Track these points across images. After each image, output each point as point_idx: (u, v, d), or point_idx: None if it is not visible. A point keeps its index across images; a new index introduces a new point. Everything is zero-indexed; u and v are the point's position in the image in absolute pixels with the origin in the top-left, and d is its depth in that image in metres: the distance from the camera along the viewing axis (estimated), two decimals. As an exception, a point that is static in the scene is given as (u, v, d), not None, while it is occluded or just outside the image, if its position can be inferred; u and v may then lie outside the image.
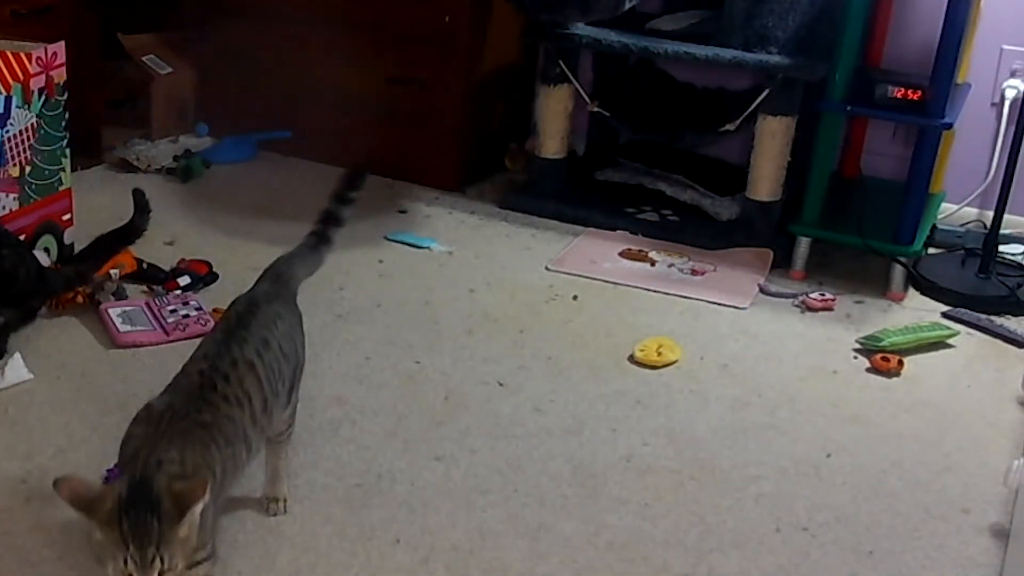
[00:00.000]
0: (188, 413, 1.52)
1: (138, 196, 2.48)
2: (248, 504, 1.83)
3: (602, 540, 1.83)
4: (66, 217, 2.69)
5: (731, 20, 3.02)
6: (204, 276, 2.67)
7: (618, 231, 3.16)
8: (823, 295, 2.79)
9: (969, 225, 3.28)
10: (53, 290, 2.37)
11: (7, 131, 2.48)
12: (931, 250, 3.14)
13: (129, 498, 1.37)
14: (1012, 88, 3.18)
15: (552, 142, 3.30)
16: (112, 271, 2.57)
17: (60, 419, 2.07)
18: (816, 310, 2.75)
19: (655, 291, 2.81)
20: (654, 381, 2.37)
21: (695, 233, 3.13)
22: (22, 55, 2.47)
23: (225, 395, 1.58)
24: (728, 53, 2.99)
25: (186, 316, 2.45)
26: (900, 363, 2.47)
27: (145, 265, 2.66)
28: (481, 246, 3.04)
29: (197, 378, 1.59)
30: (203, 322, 2.42)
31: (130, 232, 2.47)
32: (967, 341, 2.66)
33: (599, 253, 3.02)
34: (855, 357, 2.54)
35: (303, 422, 2.09)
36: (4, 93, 2.45)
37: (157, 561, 1.36)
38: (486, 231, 3.16)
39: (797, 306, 2.78)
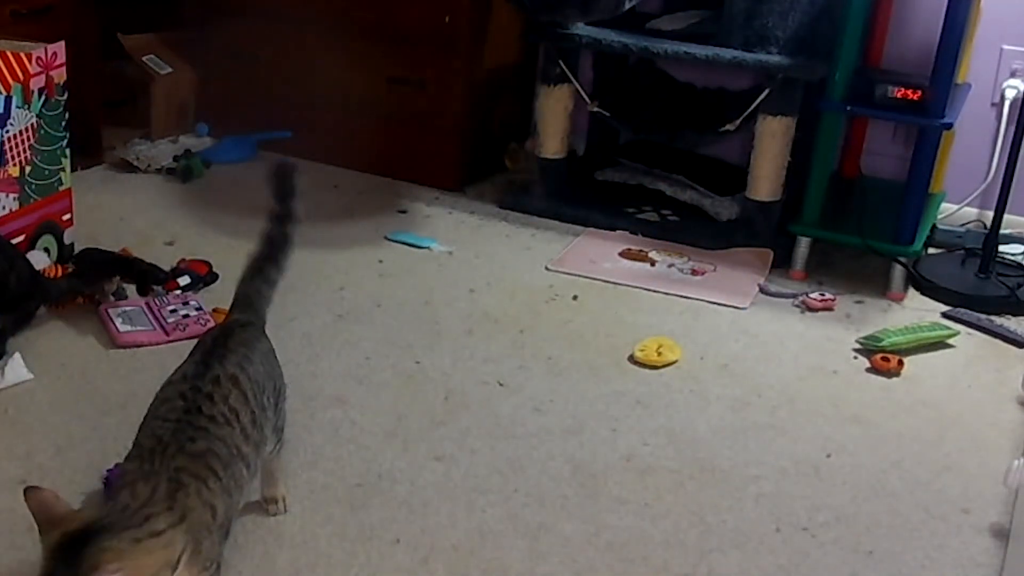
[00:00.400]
0: (182, 445, 1.48)
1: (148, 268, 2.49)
2: (248, 505, 1.82)
3: (602, 540, 1.83)
4: (66, 217, 2.69)
5: (731, 20, 3.02)
6: (204, 276, 2.67)
7: (618, 231, 3.16)
8: (823, 295, 2.79)
9: (969, 225, 3.29)
10: (47, 296, 2.37)
11: (7, 131, 2.48)
12: (931, 250, 3.14)
13: (71, 539, 1.32)
14: (1012, 88, 3.18)
15: (552, 142, 3.30)
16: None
17: (60, 419, 2.07)
18: (816, 310, 2.75)
19: (655, 291, 2.81)
20: (654, 381, 2.37)
21: (695, 233, 3.13)
22: (22, 55, 2.47)
23: (212, 416, 1.54)
24: (728, 53, 2.99)
25: (186, 316, 2.45)
26: (900, 363, 2.47)
27: (145, 265, 2.66)
28: (481, 246, 3.04)
29: (180, 402, 1.54)
30: (203, 322, 2.42)
31: (136, 273, 2.46)
32: (967, 341, 2.66)
33: (599, 253, 3.02)
34: (855, 357, 2.54)
35: (303, 422, 2.09)
36: (4, 93, 2.45)
37: None
38: (486, 231, 3.16)
39: (797, 306, 2.78)
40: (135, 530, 1.36)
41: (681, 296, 2.79)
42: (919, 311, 2.79)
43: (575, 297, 2.76)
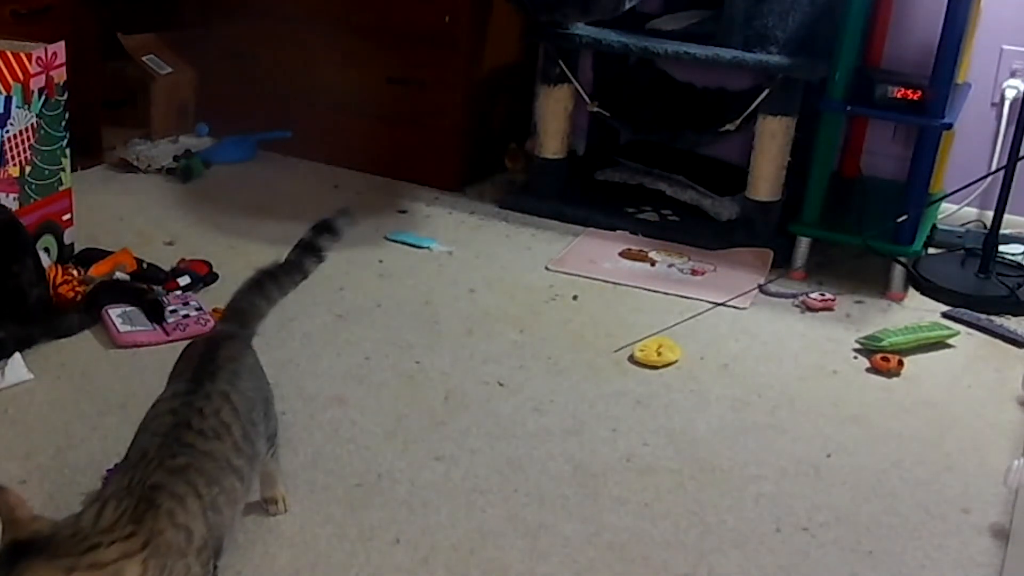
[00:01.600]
0: (163, 461, 1.45)
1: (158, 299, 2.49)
2: (248, 505, 1.82)
3: (602, 540, 1.83)
4: (66, 217, 2.69)
5: (731, 20, 3.02)
6: (204, 276, 2.66)
7: (618, 231, 3.16)
8: (823, 295, 2.79)
9: (969, 225, 3.29)
10: (55, 332, 2.34)
11: (7, 131, 2.48)
12: (931, 250, 3.14)
13: (13, 548, 1.30)
14: (1012, 88, 3.18)
15: (552, 142, 3.30)
16: (118, 275, 2.58)
17: (60, 419, 2.07)
18: (816, 310, 2.75)
19: (655, 291, 2.81)
20: (654, 381, 2.37)
21: (695, 233, 3.13)
22: (22, 55, 2.47)
23: (201, 430, 1.52)
24: (728, 53, 2.99)
25: (186, 316, 2.45)
26: (900, 363, 2.47)
27: (145, 265, 2.67)
28: (481, 246, 3.04)
29: (170, 418, 1.53)
30: (203, 322, 2.42)
31: (147, 303, 2.45)
32: (967, 341, 2.66)
33: (599, 253, 3.02)
34: (855, 357, 2.54)
35: (303, 422, 2.09)
36: (4, 93, 2.45)
37: None
38: (486, 231, 3.16)
39: (797, 306, 2.78)
40: (72, 559, 1.31)
41: (681, 296, 2.79)
42: (919, 311, 2.79)
43: (575, 297, 2.76)
